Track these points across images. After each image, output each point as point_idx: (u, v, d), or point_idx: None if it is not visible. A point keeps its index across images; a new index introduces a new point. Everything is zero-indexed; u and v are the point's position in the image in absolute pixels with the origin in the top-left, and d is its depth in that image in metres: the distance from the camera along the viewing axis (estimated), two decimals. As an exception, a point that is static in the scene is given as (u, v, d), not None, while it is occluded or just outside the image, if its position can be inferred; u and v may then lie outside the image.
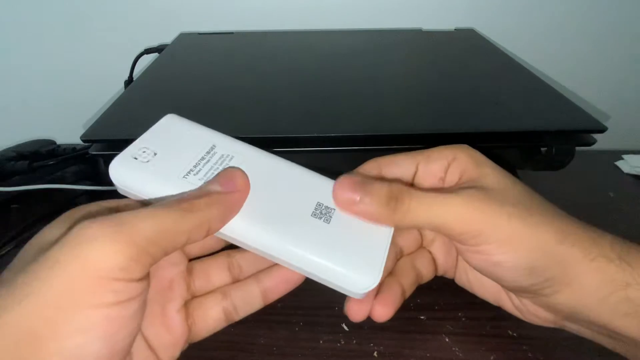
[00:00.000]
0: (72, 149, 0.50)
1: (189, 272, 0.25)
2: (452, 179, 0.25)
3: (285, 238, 0.22)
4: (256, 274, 0.25)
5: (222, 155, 0.24)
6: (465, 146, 0.26)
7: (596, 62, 0.61)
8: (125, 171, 0.22)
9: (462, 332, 0.29)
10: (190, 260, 0.25)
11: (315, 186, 0.24)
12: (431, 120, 0.35)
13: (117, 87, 0.56)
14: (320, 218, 0.22)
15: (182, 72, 0.46)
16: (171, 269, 0.24)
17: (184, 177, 0.22)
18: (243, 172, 0.22)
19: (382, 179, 0.25)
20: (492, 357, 0.28)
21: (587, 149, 0.35)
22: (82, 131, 0.33)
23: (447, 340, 0.29)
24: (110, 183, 0.22)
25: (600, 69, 0.61)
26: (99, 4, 0.58)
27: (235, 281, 0.26)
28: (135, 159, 0.23)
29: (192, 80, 0.43)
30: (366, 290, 0.21)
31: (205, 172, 0.23)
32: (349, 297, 0.23)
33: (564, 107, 0.37)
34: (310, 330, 0.29)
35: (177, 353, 0.23)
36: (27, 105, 0.64)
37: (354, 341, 0.29)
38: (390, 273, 0.27)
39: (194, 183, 0.22)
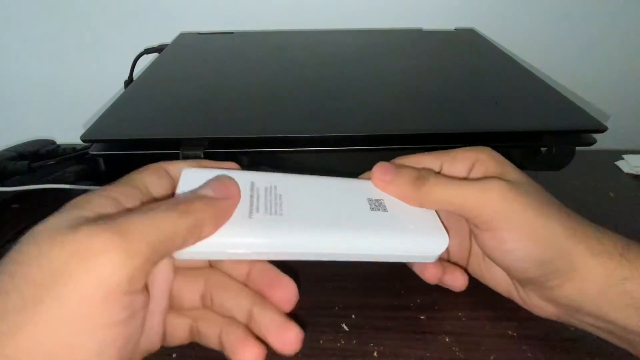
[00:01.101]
0: (72, 149, 0.50)
1: None
2: (475, 176, 0.27)
3: (360, 232, 0.24)
4: (225, 324, 0.23)
5: (266, 187, 0.25)
6: (488, 149, 0.28)
7: (596, 62, 0.61)
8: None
9: (462, 332, 0.29)
10: None
11: (357, 187, 0.27)
12: (431, 120, 0.35)
13: (117, 87, 0.56)
14: (378, 209, 0.25)
15: (182, 72, 0.46)
16: (162, 278, 0.23)
17: (249, 217, 0.22)
18: (233, 179, 0.23)
19: None
20: (492, 357, 0.28)
21: (587, 149, 0.35)
22: (82, 131, 0.33)
23: (447, 340, 0.29)
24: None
25: (600, 69, 0.61)
26: (99, 4, 0.58)
27: (204, 308, 0.24)
28: None
29: (192, 80, 0.43)
30: (441, 251, 0.25)
31: (264, 207, 0.23)
32: (425, 263, 0.28)
33: (564, 107, 0.37)
34: (310, 330, 0.29)
35: (146, 355, 0.23)
36: (27, 105, 0.64)
37: (354, 341, 0.29)
38: None
39: (262, 220, 0.23)
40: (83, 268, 0.16)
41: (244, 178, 0.25)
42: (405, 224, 0.25)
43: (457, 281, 0.30)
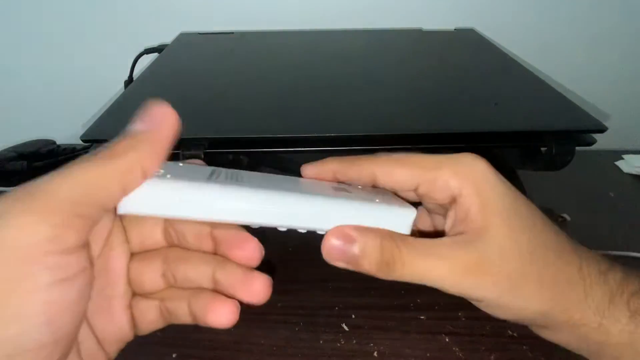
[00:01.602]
0: (72, 149, 0.50)
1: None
2: (455, 216, 0.23)
3: (327, 199, 0.22)
4: (191, 294, 0.22)
5: (227, 172, 0.22)
6: (476, 173, 0.22)
7: (596, 62, 0.61)
8: (142, 194, 0.19)
9: (462, 332, 0.29)
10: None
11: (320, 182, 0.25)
12: (431, 120, 0.35)
13: (117, 87, 0.56)
14: (343, 191, 0.23)
15: (182, 72, 0.46)
16: (116, 262, 0.21)
17: (206, 180, 0.20)
18: (167, 104, 0.20)
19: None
20: (492, 357, 0.28)
21: (587, 149, 0.35)
22: (82, 131, 0.33)
23: (447, 340, 0.29)
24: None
25: (600, 69, 0.61)
26: (99, 4, 0.58)
27: (169, 287, 0.23)
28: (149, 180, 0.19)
29: (192, 80, 0.43)
30: (411, 219, 0.23)
31: (224, 176, 0.21)
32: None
33: (564, 107, 0.37)
34: (310, 330, 0.29)
35: (121, 347, 0.22)
36: (27, 105, 0.64)
37: (354, 341, 0.29)
38: None
39: (219, 181, 0.20)
40: None
41: (206, 167, 0.23)
42: (371, 198, 0.23)
43: None
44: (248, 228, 0.22)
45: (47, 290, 0.15)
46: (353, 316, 0.30)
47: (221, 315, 0.20)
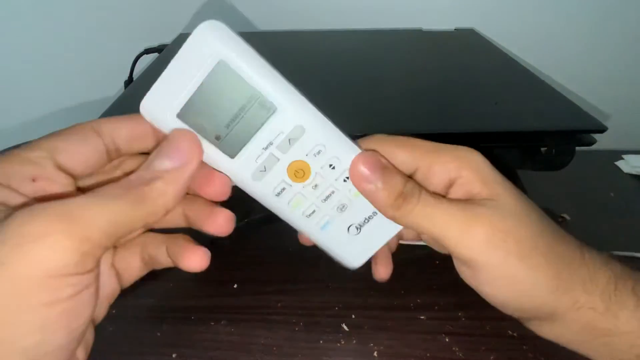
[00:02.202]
0: (72, 149, 0.50)
1: None
2: (456, 196, 0.23)
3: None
4: (168, 239, 0.24)
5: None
6: (475, 157, 0.23)
7: (596, 62, 0.61)
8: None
9: (462, 332, 0.29)
10: None
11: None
12: (431, 120, 0.35)
13: (117, 87, 0.56)
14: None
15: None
16: None
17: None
18: (192, 135, 0.21)
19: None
20: (492, 357, 0.28)
21: (587, 149, 0.35)
22: (82, 131, 0.33)
23: (447, 340, 0.29)
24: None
25: (600, 69, 0.61)
26: (99, 4, 0.58)
27: (146, 231, 0.24)
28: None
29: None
30: (354, 268, 0.26)
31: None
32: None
33: (564, 107, 0.37)
34: (310, 330, 0.29)
35: (108, 306, 0.23)
36: (27, 105, 0.64)
37: (354, 341, 0.29)
38: None
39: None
40: (17, 255, 0.15)
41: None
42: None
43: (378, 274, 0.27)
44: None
45: (66, 302, 0.16)
46: (353, 316, 0.30)
47: (193, 261, 0.22)
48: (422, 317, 0.30)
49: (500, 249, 0.21)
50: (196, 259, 0.22)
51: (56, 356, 0.17)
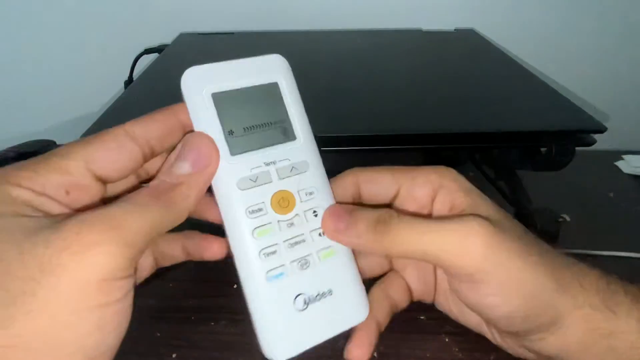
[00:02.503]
0: (72, 149, 0.50)
1: None
2: (441, 209, 0.24)
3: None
4: (184, 236, 0.26)
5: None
6: (452, 172, 0.24)
7: (596, 63, 0.61)
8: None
9: (462, 332, 0.29)
10: None
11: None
12: (431, 121, 0.35)
13: (117, 87, 0.56)
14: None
15: (182, 72, 0.46)
16: None
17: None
18: (210, 138, 0.21)
19: (360, 203, 0.25)
20: (492, 357, 0.27)
21: (587, 149, 0.35)
22: (82, 131, 0.33)
23: (447, 340, 0.29)
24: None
25: (600, 69, 0.61)
26: (99, 4, 0.58)
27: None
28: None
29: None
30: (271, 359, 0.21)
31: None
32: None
33: (563, 107, 0.37)
34: (310, 330, 0.29)
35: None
36: (27, 105, 0.64)
37: (354, 341, 0.29)
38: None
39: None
40: (76, 261, 0.17)
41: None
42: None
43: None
44: None
45: (118, 303, 0.18)
46: (353, 316, 0.30)
47: (216, 249, 0.25)
48: (422, 317, 0.30)
49: (502, 251, 0.20)
50: (218, 247, 0.25)
51: (108, 357, 0.19)
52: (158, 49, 0.54)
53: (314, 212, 0.22)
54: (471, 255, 0.20)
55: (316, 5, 0.59)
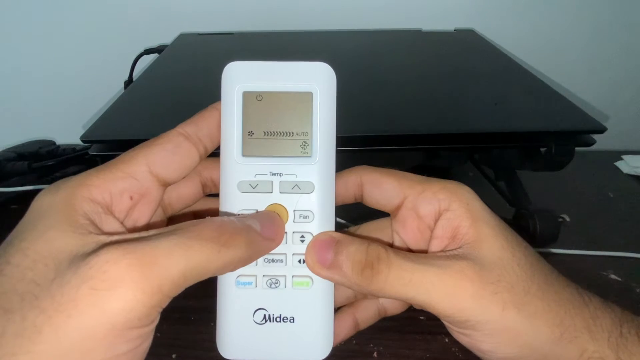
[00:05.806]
0: (72, 149, 0.50)
1: None
2: (442, 234, 0.22)
3: None
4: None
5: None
6: (464, 192, 0.22)
7: (596, 63, 0.61)
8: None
9: (462, 333, 0.29)
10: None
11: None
12: (431, 121, 0.35)
13: (117, 87, 0.56)
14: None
15: (182, 72, 0.46)
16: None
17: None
18: (282, 221, 0.21)
19: (356, 237, 0.22)
20: (492, 357, 0.27)
21: (587, 149, 0.35)
22: (82, 131, 0.33)
23: (447, 340, 0.29)
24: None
25: (599, 70, 0.61)
26: (100, 4, 0.58)
27: None
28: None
29: (192, 81, 0.43)
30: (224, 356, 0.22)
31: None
32: None
33: (563, 108, 0.37)
34: (310, 331, 0.29)
35: None
36: (27, 105, 0.64)
37: (354, 341, 0.29)
38: (349, 304, 0.25)
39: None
40: (91, 299, 0.15)
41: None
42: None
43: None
44: None
45: (123, 356, 0.16)
46: (353, 316, 0.30)
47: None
48: (421, 318, 0.30)
49: (494, 303, 0.19)
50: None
51: None
52: (158, 49, 0.54)
53: (302, 237, 0.22)
54: (461, 308, 0.19)
55: (316, 5, 0.59)
